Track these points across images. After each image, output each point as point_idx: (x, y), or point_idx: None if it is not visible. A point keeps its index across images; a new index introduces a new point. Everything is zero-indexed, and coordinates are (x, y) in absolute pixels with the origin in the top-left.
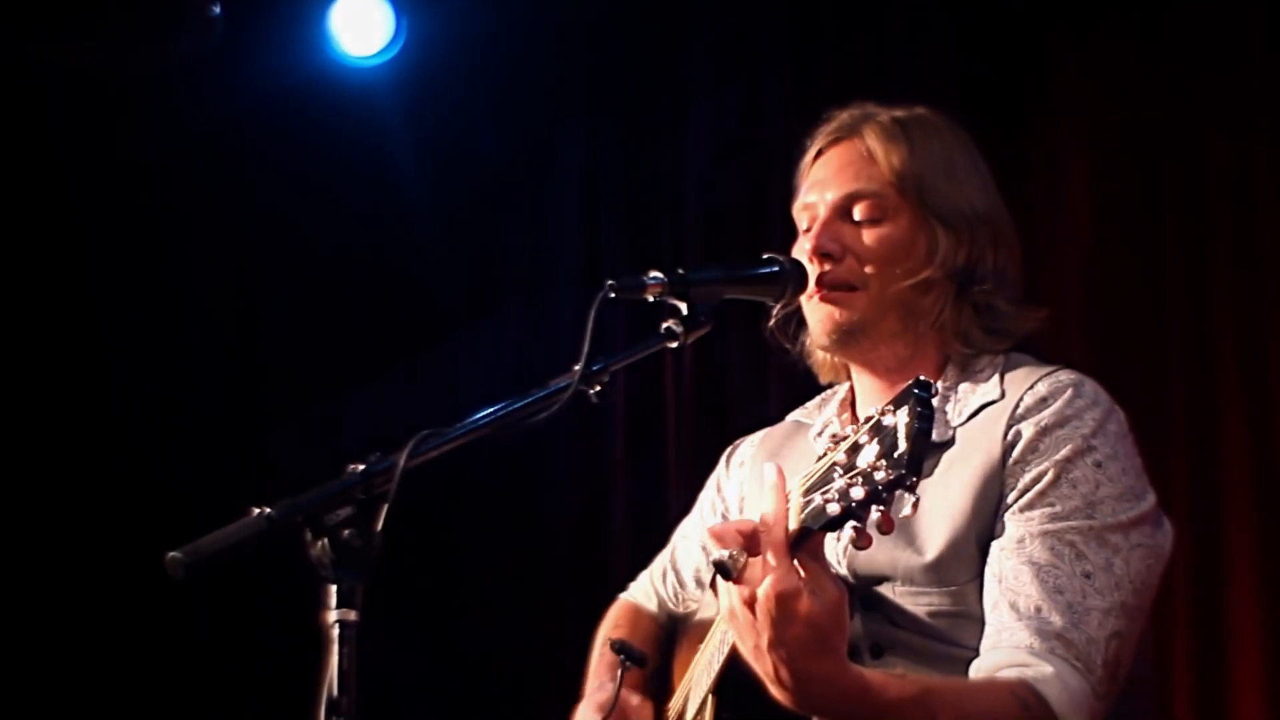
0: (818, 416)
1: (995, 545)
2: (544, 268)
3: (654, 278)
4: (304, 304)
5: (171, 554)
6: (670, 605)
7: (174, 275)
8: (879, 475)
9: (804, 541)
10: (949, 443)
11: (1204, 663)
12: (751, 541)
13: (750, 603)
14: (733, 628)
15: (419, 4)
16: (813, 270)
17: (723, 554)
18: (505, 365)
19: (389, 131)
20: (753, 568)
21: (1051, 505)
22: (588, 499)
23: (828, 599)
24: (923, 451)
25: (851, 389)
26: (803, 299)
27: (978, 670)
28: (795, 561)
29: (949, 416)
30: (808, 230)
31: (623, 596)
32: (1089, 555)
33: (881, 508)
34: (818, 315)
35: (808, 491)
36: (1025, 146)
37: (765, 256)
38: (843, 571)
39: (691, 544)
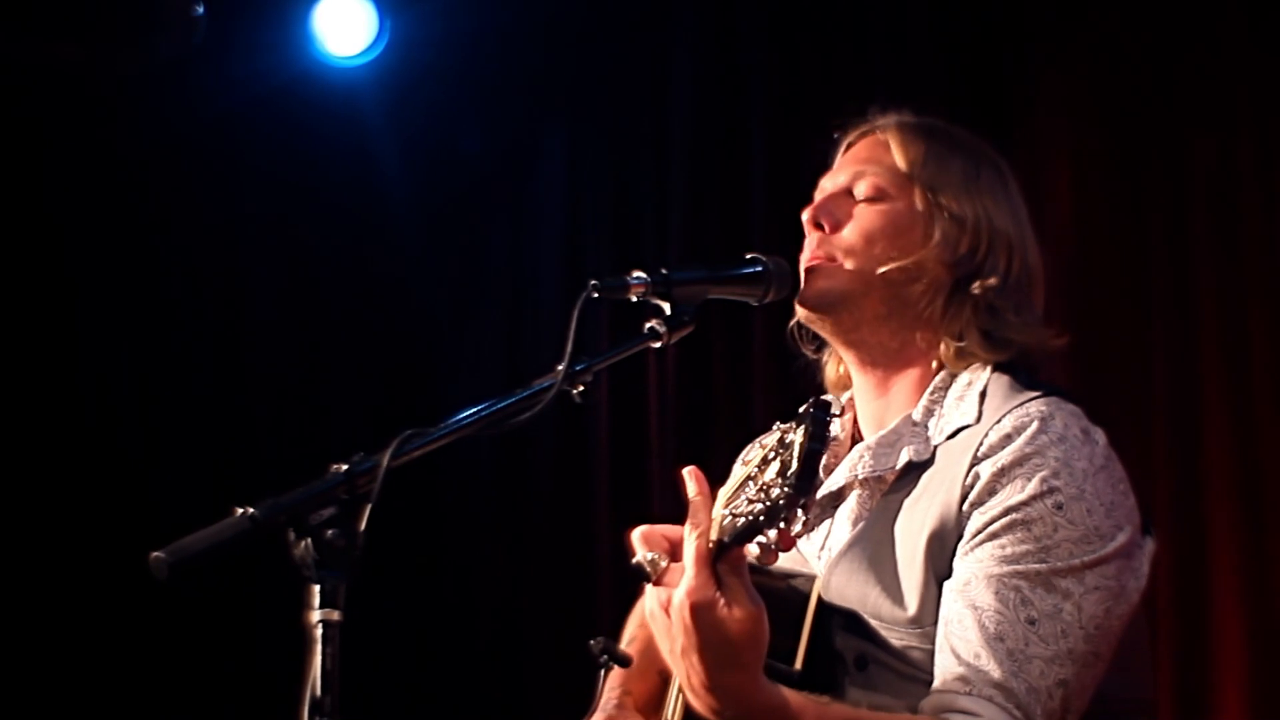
0: None
1: (946, 586)
2: (527, 267)
3: (637, 278)
4: (287, 303)
5: (155, 554)
6: None
7: (156, 275)
8: (775, 493)
9: (724, 554)
10: (927, 462)
11: (1187, 668)
12: (676, 548)
13: (667, 607)
14: (653, 630)
15: (402, 4)
16: (807, 246)
17: (645, 557)
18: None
19: (372, 131)
20: (673, 573)
21: (1002, 547)
22: (571, 498)
23: (743, 614)
24: (814, 470)
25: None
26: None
27: (919, 712)
28: (717, 573)
29: (930, 433)
30: None
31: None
32: (1034, 601)
33: (780, 525)
34: (804, 291)
35: (726, 504)
36: (1007, 146)
37: (748, 256)
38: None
39: None
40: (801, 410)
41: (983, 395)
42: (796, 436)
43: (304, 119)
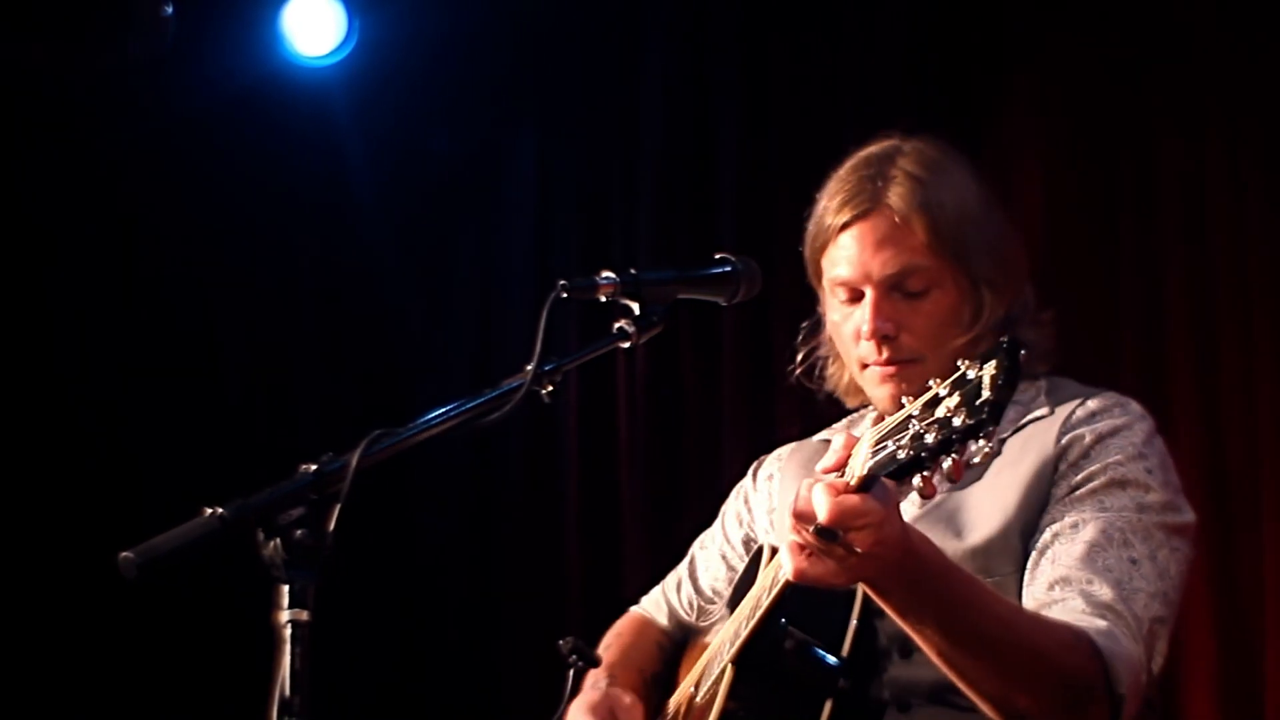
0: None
1: (1048, 531)
2: (496, 268)
3: (606, 278)
4: (256, 303)
5: (124, 554)
6: (684, 616)
7: (126, 274)
8: (957, 421)
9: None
10: (995, 453)
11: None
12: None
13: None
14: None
15: (371, 5)
16: (870, 348)
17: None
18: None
19: (342, 132)
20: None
21: (1101, 501)
22: (541, 499)
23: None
24: (1005, 402)
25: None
26: (855, 370)
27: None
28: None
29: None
30: (847, 301)
31: (633, 609)
32: (1135, 544)
33: (955, 455)
34: (884, 390)
35: (879, 442)
36: (978, 144)
37: (717, 256)
38: None
39: (711, 555)
40: (987, 350)
41: (1048, 396)
42: (984, 371)
43: (273, 119)
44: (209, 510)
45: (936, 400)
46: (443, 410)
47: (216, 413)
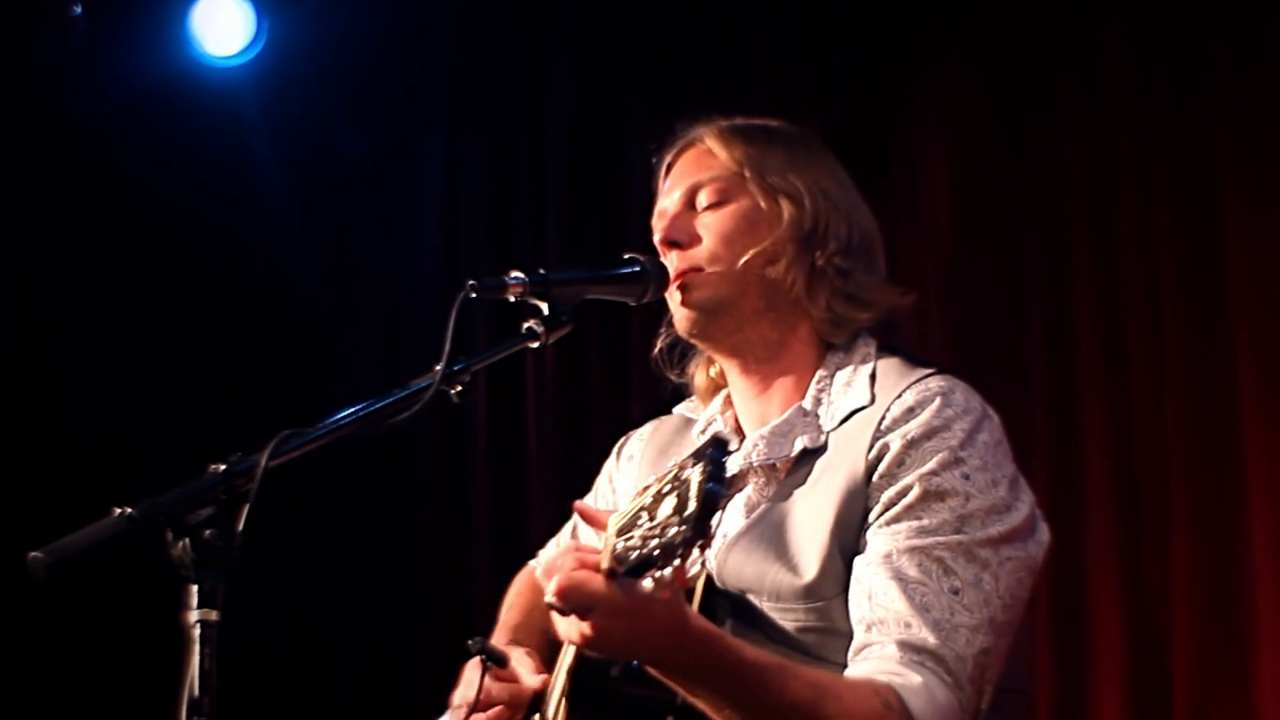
0: (702, 412)
1: (861, 559)
2: (405, 268)
3: (515, 278)
4: (164, 303)
5: (33, 554)
6: None
7: (32, 275)
8: (671, 531)
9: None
10: (821, 449)
11: (1066, 665)
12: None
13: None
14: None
15: (280, 5)
16: (669, 264)
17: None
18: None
19: (250, 132)
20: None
21: (919, 519)
22: (450, 498)
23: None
24: (712, 511)
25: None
26: (667, 297)
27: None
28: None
29: (821, 420)
30: None
31: (531, 563)
32: (957, 571)
33: (676, 563)
34: (675, 305)
35: (619, 533)
36: (885, 148)
37: (626, 257)
38: (714, 580)
39: (589, 532)
40: (698, 449)
41: (873, 378)
42: (694, 475)
43: (181, 119)
44: (118, 510)
45: (660, 496)
46: (351, 410)
47: (124, 411)
